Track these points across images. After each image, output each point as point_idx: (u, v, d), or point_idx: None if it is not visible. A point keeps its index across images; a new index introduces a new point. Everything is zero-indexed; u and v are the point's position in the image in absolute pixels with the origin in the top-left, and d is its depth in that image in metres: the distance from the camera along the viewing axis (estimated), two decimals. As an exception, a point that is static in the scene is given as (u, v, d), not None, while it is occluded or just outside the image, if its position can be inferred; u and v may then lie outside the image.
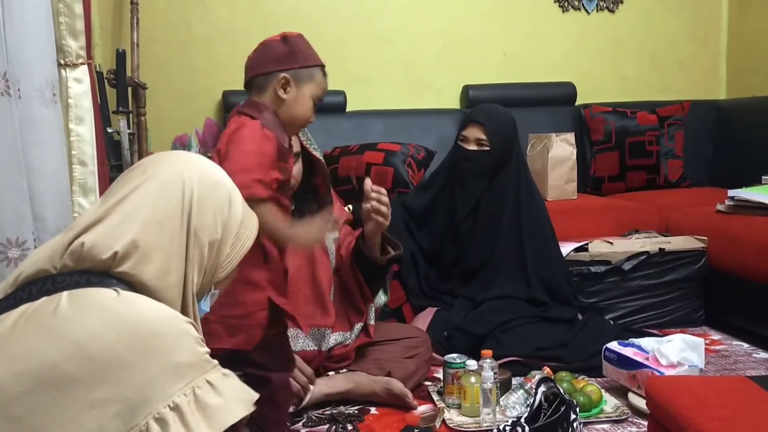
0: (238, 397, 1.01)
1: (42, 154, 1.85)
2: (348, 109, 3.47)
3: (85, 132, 2.02)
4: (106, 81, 2.85)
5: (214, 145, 3.57)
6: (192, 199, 1.09)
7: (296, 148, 1.97)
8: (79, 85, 2.03)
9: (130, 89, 2.94)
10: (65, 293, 0.98)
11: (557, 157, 3.07)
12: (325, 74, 1.64)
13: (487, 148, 2.43)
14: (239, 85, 3.61)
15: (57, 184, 1.90)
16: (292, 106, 1.60)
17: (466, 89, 3.60)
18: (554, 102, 3.62)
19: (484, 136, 2.42)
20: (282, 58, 1.59)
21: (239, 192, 1.19)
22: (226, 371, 1.01)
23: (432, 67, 3.63)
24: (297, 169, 1.99)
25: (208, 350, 1.00)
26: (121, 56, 2.85)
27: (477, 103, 3.26)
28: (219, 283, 1.18)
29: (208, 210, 1.10)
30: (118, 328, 0.94)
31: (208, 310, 1.21)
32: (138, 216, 1.04)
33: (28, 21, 1.82)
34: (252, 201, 1.34)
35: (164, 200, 1.07)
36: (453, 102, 3.66)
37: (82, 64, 2.04)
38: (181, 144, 3.03)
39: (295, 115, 1.61)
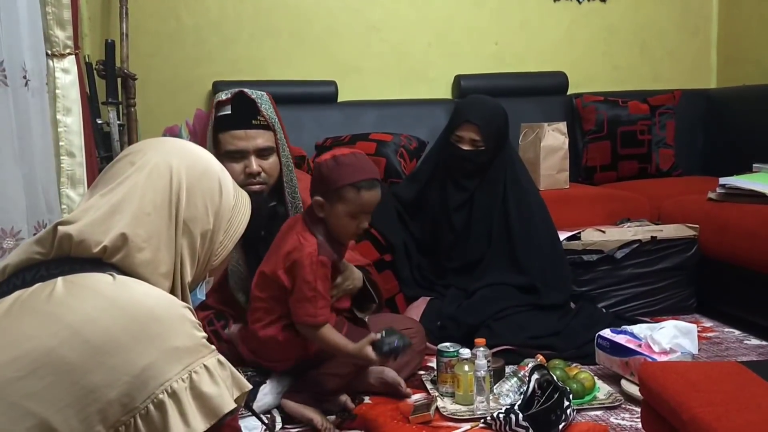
0: (232, 386, 1.00)
1: (34, 144, 1.84)
2: (339, 99, 3.46)
3: (72, 123, 2.01)
4: (95, 72, 2.83)
5: (204, 135, 3.56)
6: (180, 189, 1.07)
7: (271, 143, 1.97)
8: (67, 75, 2.02)
9: (119, 80, 2.92)
10: (60, 279, 0.97)
11: (549, 146, 3.07)
12: (361, 189, 1.73)
13: (482, 148, 2.42)
14: (229, 76, 3.62)
15: (47, 174, 1.88)
16: (331, 223, 1.77)
17: (458, 79, 3.59)
18: (546, 92, 3.62)
19: (478, 137, 2.41)
20: (315, 182, 1.78)
21: (228, 175, 1.17)
22: (222, 358, 1.00)
23: (423, 57, 3.62)
24: (270, 163, 1.97)
25: (206, 335, 1.00)
26: (110, 47, 2.83)
27: (468, 93, 3.26)
28: (214, 270, 1.18)
29: (199, 200, 1.09)
30: (114, 312, 0.94)
31: (204, 298, 1.20)
32: (126, 208, 1.03)
33: (18, 10, 1.80)
34: (314, 326, 1.71)
35: (152, 192, 1.06)
36: (445, 92, 3.65)
37: (69, 54, 2.03)
38: (172, 135, 3.01)
39: (335, 229, 1.78)
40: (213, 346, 1.00)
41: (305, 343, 1.81)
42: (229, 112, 1.93)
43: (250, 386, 1.05)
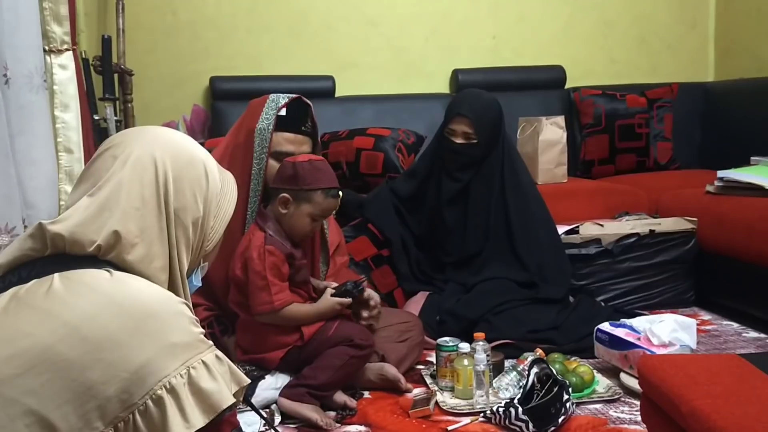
0: (231, 381, 1.00)
1: (31, 141, 1.83)
2: (337, 94, 3.46)
3: (70, 119, 2.00)
4: (92, 68, 2.82)
5: (202, 132, 3.57)
6: (167, 180, 1.07)
7: (310, 150, 2.04)
8: (64, 71, 2.01)
9: (116, 76, 2.92)
10: (56, 275, 0.96)
11: (547, 140, 3.07)
12: (328, 195, 1.85)
13: (475, 141, 2.42)
14: (226, 71, 3.61)
15: (46, 171, 1.88)
16: (290, 220, 1.86)
17: (456, 73, 3.59)
18: (544, 86, 3.63)
19: (470, 130, 2.41)
20: (286, 179, 1.86)
21: (212, 159, 1.17)
22: (220, 354, 1.00)
23: (421, 51, 3.62)
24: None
25: (203, 331, 1.00)
26: (106, 42, 2.82)
27: (466, 87, 3.25)
28: (207, 256, 1.18)
29: (187, 189, 1.09)
30: (111, 308, 0.93)
31: (200, 284, 1.20)
32: (114, 205, 1.03)
33: (15, 6, 1.79)
34: (273, 313, 1.79)
35: (139, 186, 1.05)
36: (442, 86, 3.65)
37: (67, 50, 2.02)
38: (169, 131, 3.01)
39: (292, 227, 1.87)
40: (210, 342, 1.00)
41: (295, 331, 1.85)
42: (285, 114, 1.99)
43: (249, 381, 1.05)
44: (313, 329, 1.86)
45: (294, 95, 2.02)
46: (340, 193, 1.92)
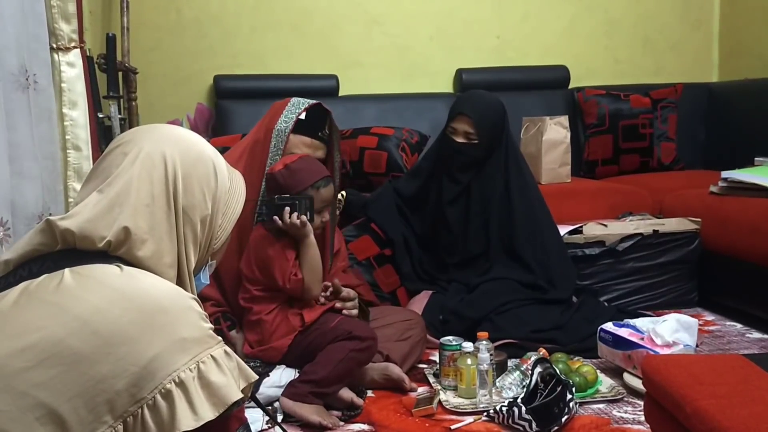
0: (239, 377, 1.01)
1: (27, 139, 1.82)
2: (340, 93, 3.46)
3: (78, 116, 2.01)
4: (96, 66, 2.82)
5: (206, 130, 3.57)
6: (176, 177, 1.07)
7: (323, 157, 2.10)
8: (72, 69, 2.01)
9: (120, 74, 2.91)
10: (67, 270, 0.97)
11: (551, 140, 3.07)
12: (318, 188, 1.91)
13: (476, 141, 2.42)
14: (230, 69, 3.61)
15: (47, 167, 1.87)
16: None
17: (460, 73, 3.59)
18: (547, 85, 3.62)
19: (472, 130, 2.41)
20: (275, 191, 1.91)
21: (221, 157, 1.17)
22: (229, 349, 1.01)
23: (425, 50, 3.62)
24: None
25: (212, 326, 1.00)
26: (111, 41, 2.82)
27: (470, 87, 3.25)
28: (215, 254, 1.18)
29: (195, 187, 1.09)
30: (122, 303, 0.94)
31: (207, 281, 1.20)
32: (124, 202, 1.03)
33: (3, 4, 1.79)
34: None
35: (148, 183, 1.05)
36: (446, 86, 3.65)
37: (75, 47, 2.02)
38: (173, 129, 3.00)
39: None
40: (219, 338, 1.00)
41: (297, 317, 1.90)
42: (304, 118, 2.03)
43: (257, 377, 1.06)
44: (314, 315, 1.90)
45: (314, 101, 2.07)
46: (332, 184, 1.97)
